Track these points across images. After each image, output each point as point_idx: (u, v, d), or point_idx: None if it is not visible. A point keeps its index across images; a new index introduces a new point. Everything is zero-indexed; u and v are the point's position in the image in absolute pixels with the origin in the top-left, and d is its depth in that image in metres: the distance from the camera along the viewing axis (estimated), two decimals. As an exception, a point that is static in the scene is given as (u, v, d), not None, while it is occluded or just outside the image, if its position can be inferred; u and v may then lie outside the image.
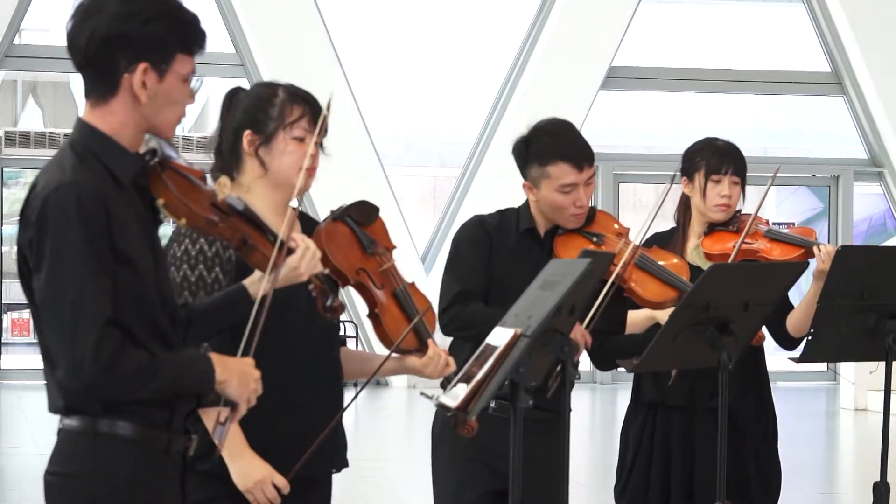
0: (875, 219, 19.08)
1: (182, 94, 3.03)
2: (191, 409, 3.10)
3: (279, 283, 3.29)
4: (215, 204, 3.09)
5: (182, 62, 3.01)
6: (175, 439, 3.03)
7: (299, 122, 3.74)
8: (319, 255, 3.33)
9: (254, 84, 3.93)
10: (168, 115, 3.02)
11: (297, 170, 3.70)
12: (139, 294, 2.94)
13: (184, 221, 3.03)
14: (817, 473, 11.13)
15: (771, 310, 4.55)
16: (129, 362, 2.87)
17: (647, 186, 18.93)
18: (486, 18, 18.05)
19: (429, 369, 3.76)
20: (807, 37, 17.60)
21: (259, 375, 3.08)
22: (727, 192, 4.92)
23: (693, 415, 4.90)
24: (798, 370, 16.09)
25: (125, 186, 2.97)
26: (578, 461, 9.57)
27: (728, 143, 5.04)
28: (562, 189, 4.47)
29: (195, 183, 3.07)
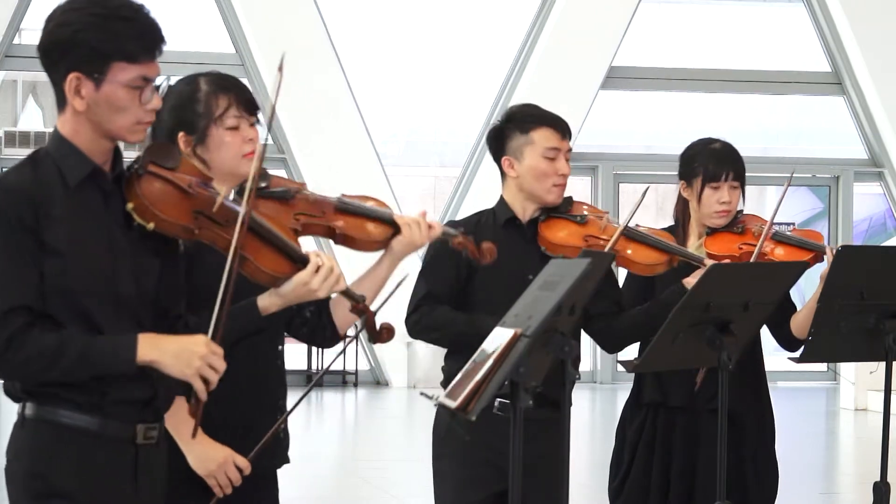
0: (875, 219, 19.08)
1: (128, 100, 3.06)
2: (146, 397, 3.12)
3: (290, 298, 3.35)
4: (203, 212, 3.15)
5: (122, 70, 3.04)
6: (110, 424, 3.07)
7: (228, 111, 3.70)
8: (339, 273, 3.35)
9: (177, 81, 3.81)
10: (119, 121, 3.08)
11: (239, 158, 3.68)
12: (69, 286, 3.01)
13: (152, 225, 3.10)
14: (817, 473, 11.13)
15: (771, 309, 4.54)
16: (29, 347, 2.96)
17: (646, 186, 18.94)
18: (486, 18, 18.05)
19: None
20: (807, 37, 17.61)
21: (207, 351, 3.06)
22: (727, 199, 4.91)
23: (695, 416, 4.90)
24: (798, 370, 16.09)
25: (75, 187, 3.05)
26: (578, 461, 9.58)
27: (725, 145, 5.00)
28: (546, 154, 4.49)
29: (181, 190, 3.14)
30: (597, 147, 17.61)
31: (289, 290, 3.33)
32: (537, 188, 4.54)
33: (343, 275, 3.38)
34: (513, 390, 3.47)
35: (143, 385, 3.11)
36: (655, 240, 4.63)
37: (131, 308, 3.10)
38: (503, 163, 4.56)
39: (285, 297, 3.36)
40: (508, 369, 3.43)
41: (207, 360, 3.06)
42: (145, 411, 3.14)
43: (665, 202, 19.77)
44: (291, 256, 3.33)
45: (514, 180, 4.55)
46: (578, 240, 4.54)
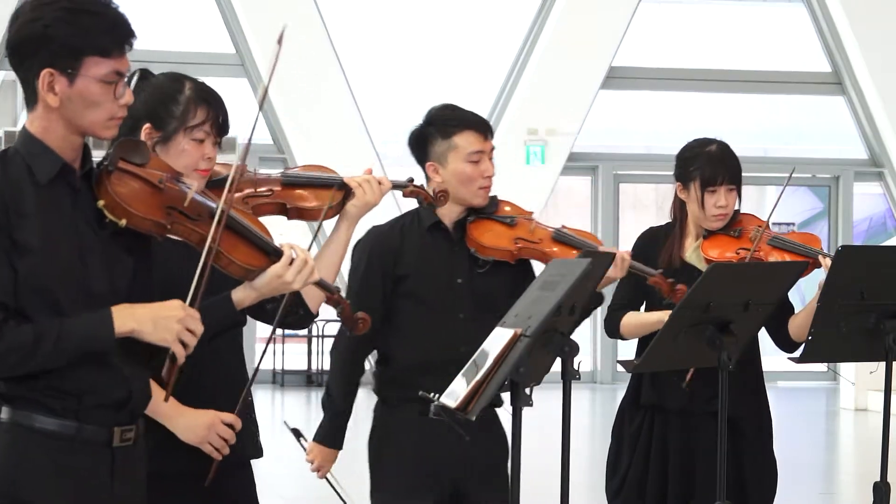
0: (875, 219, 19.08)
1: (101, 95, 3.05)
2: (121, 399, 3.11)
3: (264, 291, 3.34)
4: (176, 207, 3.14)
5: (95, 65, 3.03)
6: (85, 429, 3.06)
7: (201, 125, 3.67)
8: (312, 265, 3.35)
9: (161, 74, 3.80)
10: (92, 116, 3.06)
11: (191, 171, 3.65)
12: (42, 283, 3.00)
13: (124, 222, 3.09)
14: (817, 473, 11.13)
15: (771, 309, 4.54)
16: (6, 340, 2.95)
17: (647, 186, 18.93)
18: (486, 18, 18.04)
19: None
20: (807, 37, 17.60)
21: (185, 314, 3.05)
22: (723, 203, 4.91)
23: (691, 419, 4.90)
24: (798, 370, 16.09)
25: (45, 184, 3.04)
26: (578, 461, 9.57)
27: (720, 148, 4.97)
28: (470, 158, 4.45)
29: (152, 186, 3.13)
30: (597, 147, 17.60)
31: (263, 283, 3.33)
32: (464, 192, 4.49)
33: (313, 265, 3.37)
34: (513, 390, 3.47)
35: (118, 386, 3.10)
36: (586, 243, 4.58)
37: (103, 304, 3.08)
38: (427, 168, 4.50)
39: (260, 290, 3.35)
40: (508, 369, 3.43)
41: (185, 324, 3.05)
42: (121, 413, 3.12)
43: (665, 202, 19.75)
44: (265, 249, 3.32)
45: (438, 185, 4.49)
46: (509, 242, 4.50)
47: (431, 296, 4.44)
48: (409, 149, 4.59)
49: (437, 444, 4.37)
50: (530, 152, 16.71)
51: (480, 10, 18.06)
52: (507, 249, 4.46)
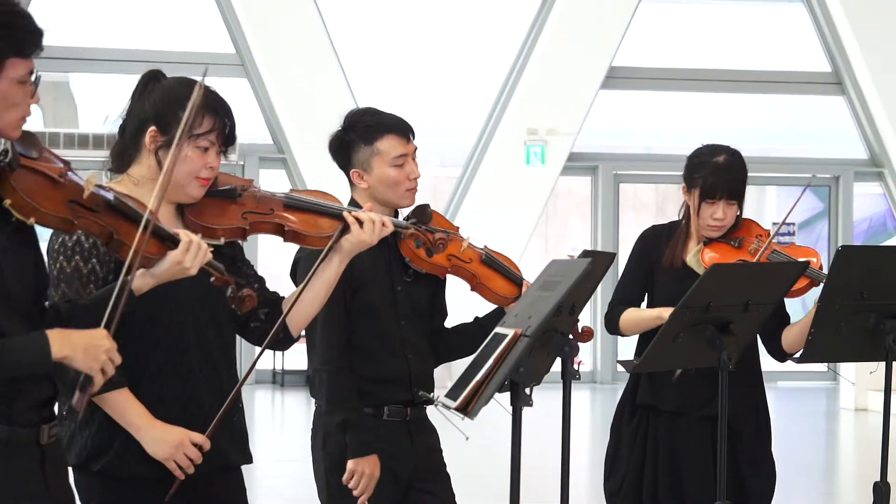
0: (875, 219, 19.07)
1: (19, 96, 3.05)
2: (47, 397, 3.12)
3: (163, 277, 3.32)
4: (77, 201, 3.10)
5: (15, 66, 3.03)
6: (17, 431, 3.06)
7: (207, 133, 3.65)
8: (206, 248, 3.33)
9: (173, 77, 3.77)
10: (7, 117, 3.05)
11: (192, 178, 3.65)
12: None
13: (33, 220, 3.05)
14: (817, 473, 11.13)
15: (771, 309, 4.55)
16: None
17: (647, 186, 18.93)
18: (486, 18, 18.04)
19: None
20: (807, 37, 17.60)
21: (111, 346, 3.07)
22: (720, 216, 4.90)
23: (682, 421, 4.90)
24: (798, 370, 16.09)
25: None
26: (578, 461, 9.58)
27: (729, 159, 4.93)
28: (395, 162, 4.41)
29: (53, 181, 3.08)
30: (597, 147, 17.60)
31: (162, 269, 3.30)
32: (391, 196, 4.44)
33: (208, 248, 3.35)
34: (513, 390, 3.47)
35: (46, 385, 3.13)
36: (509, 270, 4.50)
37: (22, 306, 3.08)
38: (352, 175, 4.44)
39: (159, 277, 3.33)
40: (508, 369, 3.43)
41: (109, 354, 3.06)
42: (45, 411, 3.14)
43: (665, 202, 19.76)
44: (160, 236, 3.29)
45: (364, 190, 4.44)
46: (444, 259, 4.42)
47: (377, 303, 4.43)
48: (331, 155, 4.52)
49: (395, 447, 4.39)
50: (530, 152, 16.71)
51: (480, 10, 18.06)
52: (441, 265, 4.42)
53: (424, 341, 4.54)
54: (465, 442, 4.95)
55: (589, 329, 4.26)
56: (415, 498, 4.47)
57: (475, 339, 4.12)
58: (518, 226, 16.28)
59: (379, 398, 4.41)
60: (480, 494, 7.52)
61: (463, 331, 4.57)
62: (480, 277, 4.43)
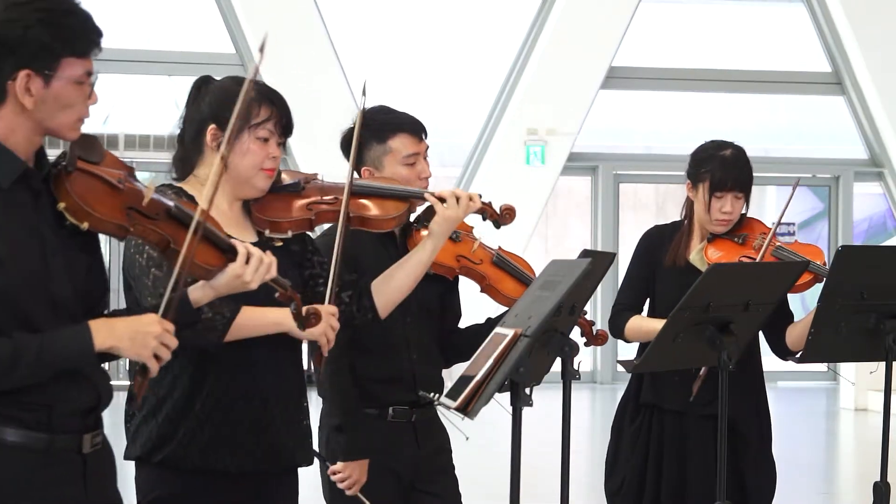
0: (875, 219, 19.07)
1: (75, 96, 3.02)
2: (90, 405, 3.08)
3: (223, 291, 3.28)
4: (135, 208, 3.07)
5: (71, 66, 3.00)
6: (57, 439, 3.02)
7: (266, 123, 3.70)
8: (270, 261, 3.29)
9: (223, 77, 3.84)
10: (63, 118, 3.03)
11: (257, 170, 3.69)
12: (9, 293, 2.93)
13: (86, 225, 3.02)
14: (817, 473, 11.13)
15: (771, 309, 4.55)
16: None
17: (647, 186, 18.92)
18: (486, 18, 18.04)
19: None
20: (807, 37, 17.60)
21: (161, 330, 3.01)
22: (729, 209, 4.91)
23: (687, 421, 4.90)
24: (798, 370, 16.09)
25: (6, 189, 2.98)
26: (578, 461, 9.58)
27: (735, 153, 4.96)
28: (406, 161, 4.41)
29: (111, 186, 3.06)
30: (597, 147, 17.59)
31: (222, 282, 3.26)
32: None
33: (274, 262, 3.32)
34: (513, 390, 3.47)
35: (87, 393, 3.08)
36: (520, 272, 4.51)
37: (68, 309, 3.03)
38: (363, 173, 4.43)
39: (218, 290, 3.29)
40: (508, 369, 3.43)
41: (161, 339, 3.01)
42: (89, 419, 3.10)
43: (665, 202, 19.75)
44: (221, 247, 3.25)
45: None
46: (451, 259, 4.45)
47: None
48: (343, 152, 4.50)
49: (398, 448, 4.39)
50: (530, 152, 16.71)
51: (480, 10, 18.06)
52: (448, 266, 4.41)
53: (432, 341, 4.52)
54: (465, 442, 4.95)
55: (603, 332, 4.26)
56: (416, 499, 4.46)
57: None
58: (518, 226, 16.24)
59: (382, 399, 4.40)
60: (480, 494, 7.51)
61: (475, 332, 4.55)
62: (490, 279, 4.43)
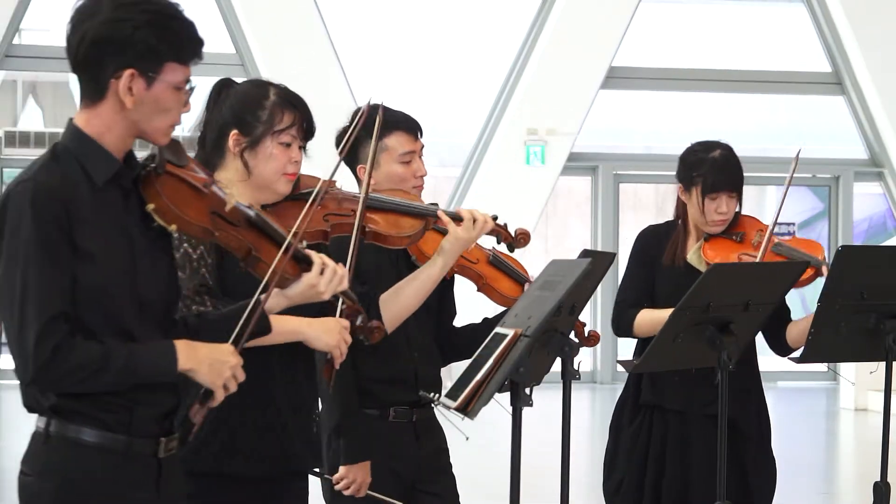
0: (875, 219, 19.08)
1: (173, 101, 3.04)
2: (169, 409, 3.10)
3: (296, 300, 3.31)
4: (219, 213, 3.10)
5: (173, 70, 3.02)
6: (136, 442, 3.03)
7: (289, 129, 3.72)
8: (343, 273, 3.32)
9: (245, 81, 3.85)
10: (158, 122, 3.04)
11: (279, 175, 3.69)
12: (102, 292, 2.95)
13: (174, 227, 3.05)
14: (817, 473, 11.13)
15: (771, 309, 4.55)
16: (75, 356, 2.89)
17: (647, 186, 18.92)
18: (486, 18, 18.04)
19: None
20: (807, 37, 17.60)
21: (236, 362, 3.05)
22: (724, 210, 4.91)
23: (689, 420, 4.90)
24: (798, 370, 16.08)
25: (101, 187, 2.99)
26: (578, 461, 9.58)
27: (724, 154, 4.95)
28: (402, 159, 4.41)
29: (197, 190, 3.09)
30: (597, 147, 17.59)
31: (296, 292, 3.29)
32: None
33: (346, 274, 3.35)
34: (513, 390, 3.47)
35: (169, 397, 3.09)
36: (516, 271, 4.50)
37: (154, 311, 3.06)
38: (358, 171, 4.43)
39: (292, 299, 3.33)
40: (508, 369, 3.43)
41: (234, 371, 3.05)
42: (165, 423, 3.11)
43: (665, 202, 19.75)
44: (296, 257, 3.28)
45: (372, 188, 4.45)
46: None
47: None
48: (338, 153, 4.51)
49: (399, 448, 4.39)
50: (530, 152, 16.71)
51: (480, 10, 18.06)
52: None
53: (431, 341, 4.52)
54: (465, 442, 4.95)
55: (595, 333, 4.25)
56: (417, 499, 4.47)
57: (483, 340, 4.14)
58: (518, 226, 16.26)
59: (384, 399, 4.39)
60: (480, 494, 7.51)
61: (471, 331, 4.56)
62: (487, 278, 4.43)
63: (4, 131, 16.89)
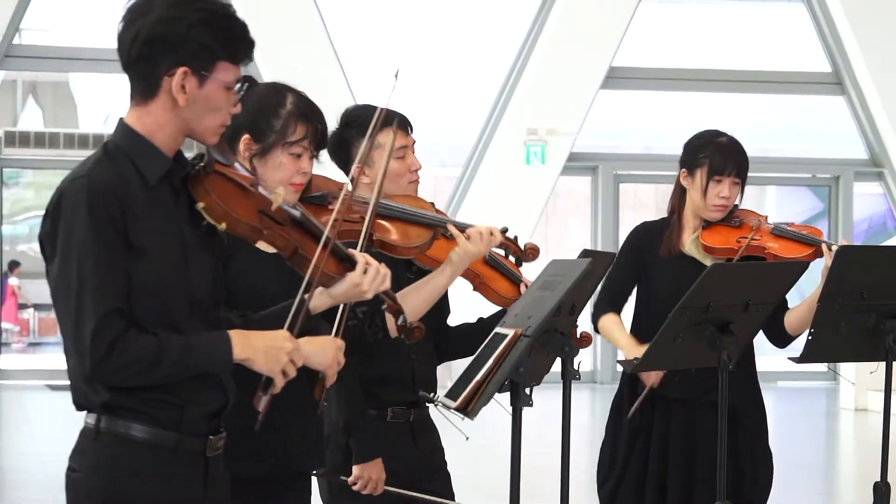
0: (875, 219, 19.09)
1: (224, 101, 3.06)
2: (217, 408, 3.11)
3: (340, 298, 3.33)
4: (266, 212, 3.13)
5: (225, 70, 3.04)
6: (185, 440, 3.04)
7: (301, 141, 3.71)
8: (385, 273, 3.33)
9: (264, 84, 3.83)
10: (208, 121, 3.06)
11: (285, 185, 3.67)
12: (154, 288, 2.97)
13: (224, 226, 3.06)
14: (817, 473, 11.13)
15: (772, 309, 4.55)
16: (131, 350, 2.90)
17: (647, 186, 18.93)
18: (486, 18, 18.04)
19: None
20: (807, 37, 17.61)
21: (293, 347, 3.07)
22: (727, 194, 4.93)
23: (692, 408, 4.90)
24: (798, 370, 16.09)
25: (153, 185, 3.01)
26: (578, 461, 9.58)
27: (731, 139, 5.02)
28: (396, 154, 4.38)
29: (244, 189, 3.11)
30: (597, 147, 17.60)
31: (340, 291, 3.30)
32: (393, 189, 4.40)
33: (388, 274, 3.36)
34: (513, 390, 3.47)
35: (220, 396, 3.11)
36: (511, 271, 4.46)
37: (203, 310, 3.07)
38: (354, 171, 4.35)
39: (335, 298, 3.33)
40: (508, 369, 3.43)
41: (291, 356, 3.07)
42: (214, 422, 3.12)
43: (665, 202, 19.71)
44: (339, 256, 3.31)
45: (367, 185, 4.38)
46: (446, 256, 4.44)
47: None
48: (330, 155, 4.47)
49: (398, 449, 4.39)
50: (530, 152, 16.72)
51: (480, 10, 18.07)
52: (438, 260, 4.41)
53: (428, 340, 4.53)
54: (465, 442, 4.95)
55: (588, 335, 4.25)
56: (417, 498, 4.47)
57: (478, 340, 4.14)
58: (518, 226, 16.26)
59: (382, 399, 4.39)
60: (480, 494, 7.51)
61: (466, 330, 4.56)
62: (483, 277, 4.43)
63: (4, 131, 16.90)
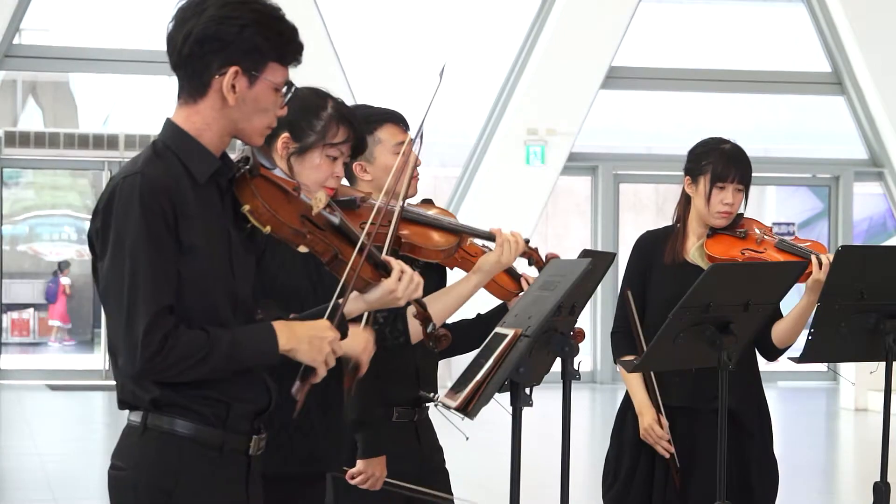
0: (875, 219, 19.09)
1: (272, 102, 3.08)
2: (261, 408, 3.13)
3: (374, 305, 3.35)
4: (307, 217, 3.15)
5: (274, 71, 3.06)
6: (230, 438, 3.06)
7: (340, 144, 3.74)
8: (419, 281, 3.36)
9: (305, 87, 3.82)
10: (256, 121, 3.08)
11: (319, 187, 3.70)
12: (202, 286, 3.00)
13: (268, 229, 3.09)
14: (817, 473, 11.13)
15: (771, 309, 4.54)
16: (182, 345, 2.93)
17: (647, 186, 18.94)
18: (486, 18, 18.04)
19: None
20: (807, 37, 17.60)
21: (334, 336, 3.10)
22: (730, 201, 4.92)
23: (695, 416, 4.89)
24: (798, 370, 16.10)
25: (201, 184, 3.03)
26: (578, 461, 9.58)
27: (735, 147, 5.01)
28: (396, 149, 4.40)
29: (287, 194, 3.13)
30: (597, 147, 17.60)
31: (375, 297, 3.33)
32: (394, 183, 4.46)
33: (421, 282, 3.38)
34: (513, 390, 3.47)
35: (262, 395, 3.13)
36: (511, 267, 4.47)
37: (245, 309, 3.10)
38: (354, 168, 4.42)
39: (370, 304, 3.36)
40: (508, 369, 3.43)
41: (333, 346, 3.10)
42: (256, 422, 3.14)
43: (665, 202, 19.75)
44: (375, 263, 3.33)
45: (368, 182, 4.43)
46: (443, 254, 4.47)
47: None
48: None
49: (402, 448, 4.39)
50: (530, 152, 16.72)
51: (480, 11, 18.07)
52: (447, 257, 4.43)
53: None
54: (465, 442, 4.95)
55: (581, 330, 4.21)
56: (419, 498, 4.47)
57: (477, 336, 4.15)
58: (518, 226, 16.25)
59: (387, 397, 4.40)
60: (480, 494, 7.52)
61: (465, 326, 4.56)
62: None
63: (4, 131, 16.88)
